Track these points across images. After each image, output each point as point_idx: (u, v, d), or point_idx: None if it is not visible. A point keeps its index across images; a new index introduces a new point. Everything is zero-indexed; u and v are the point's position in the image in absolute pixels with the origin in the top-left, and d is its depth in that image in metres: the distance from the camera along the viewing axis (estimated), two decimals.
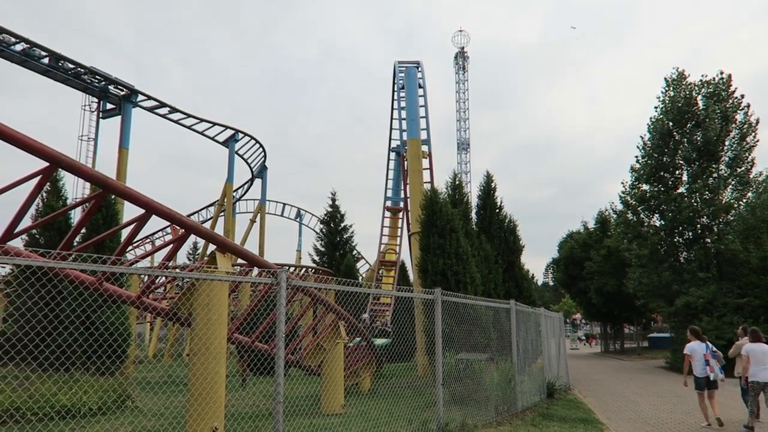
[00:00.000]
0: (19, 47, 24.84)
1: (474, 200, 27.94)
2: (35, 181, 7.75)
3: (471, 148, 52.79)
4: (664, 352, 29.90)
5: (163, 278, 20.12)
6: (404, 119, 30.00)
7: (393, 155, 36.69)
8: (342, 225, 41.40)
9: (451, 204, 22.45)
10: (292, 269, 33.49)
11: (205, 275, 7.61)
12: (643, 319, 41.68)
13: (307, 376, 17.72)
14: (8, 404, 10.12)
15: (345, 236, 41.30)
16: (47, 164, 7.32)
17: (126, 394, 11.92)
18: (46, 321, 16.61)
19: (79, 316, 16.88)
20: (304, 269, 36.34)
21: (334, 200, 42.17)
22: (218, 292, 8.35)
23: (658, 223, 26.03)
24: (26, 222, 13.44)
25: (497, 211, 27.30)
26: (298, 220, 56.09)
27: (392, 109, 35.11)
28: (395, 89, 33.22)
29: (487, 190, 27.68)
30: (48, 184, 8.98)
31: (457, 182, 25.06)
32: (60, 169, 7.77)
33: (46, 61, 25.88)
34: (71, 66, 26.71)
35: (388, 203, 36.40)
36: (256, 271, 11.91)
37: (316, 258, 40.96)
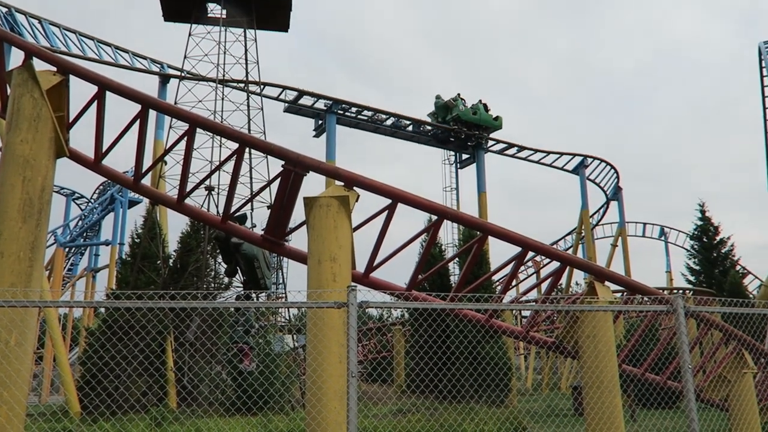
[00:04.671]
0: (389, 121, 29.34)
1: None
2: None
3: None
4: None
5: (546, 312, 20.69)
6: None
7: None
8: (718, 238, 36.77)
9: None
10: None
11: (590, 307, 7.61)
12: None
13: (704, 410, 15.97)
14: (425, 431, 11.56)
15: (723, 250, 36.50)
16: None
17: (522, 425, 12.47)
18: (434, 356, 18.61)
19: (463, 352, 18.50)
20: (681, 292, 33.22)
21: (703, 212, 37.86)
22: (603, 322, 8.22)
23: None
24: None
25: None
26: (662, 239, 51.93)
27: (763, 96, 30.40)
28: (764, 74, 28.89)
29: None
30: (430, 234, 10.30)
31: None
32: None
33: (410, 128, 29.97)
34: (429, 128, 30.32)
35: None
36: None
37: (691, 278, 37.11)
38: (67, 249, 36.34)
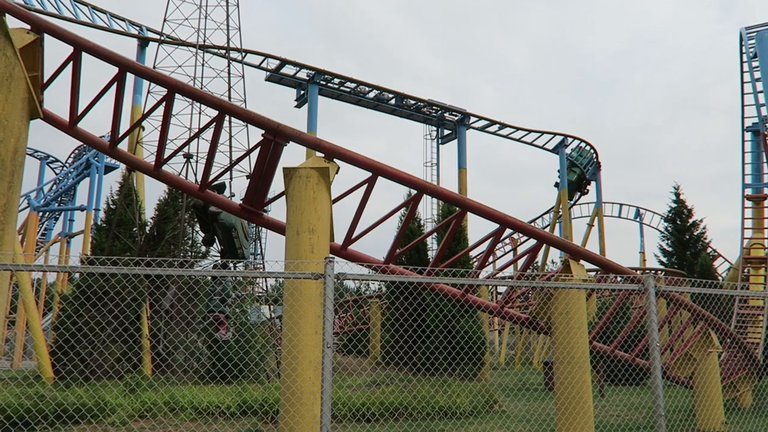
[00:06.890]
0: (372, 94, 29.12)
1: None
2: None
3: None
4: None
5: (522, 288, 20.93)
6: (761, 92, 25.89)
7: (749, 135, 31.87)
8: (691, 221, 37.42)
9: None
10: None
11: (563, 284, 7.72)
12: None
13: (670, 387, 16.45)
14: (398, 403, 11.72)
15: (695, 233, 37.18)
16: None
17: (493, 398, 12.70)
18: (410, 329, 18.80)
19: (437, 325, 18.73)
20: (653, 272, 33.82)
21: (677, 195, 38.45)
22: (576, 300, 8.36)
23: None
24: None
25: None
26: (637, 220, 52.71)
27: (742, 82, 30.58)
28: (744, 60, 29.00)
29: None
30: (409, 208, 10.33)
31: None
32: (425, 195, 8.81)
33: (393, 102, 29.81)
34: (412, 102, 30.19)
35: (748, 191, 31.57)
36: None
37: (663, 259, 37.81)
38: (40, 213, 35.74)
